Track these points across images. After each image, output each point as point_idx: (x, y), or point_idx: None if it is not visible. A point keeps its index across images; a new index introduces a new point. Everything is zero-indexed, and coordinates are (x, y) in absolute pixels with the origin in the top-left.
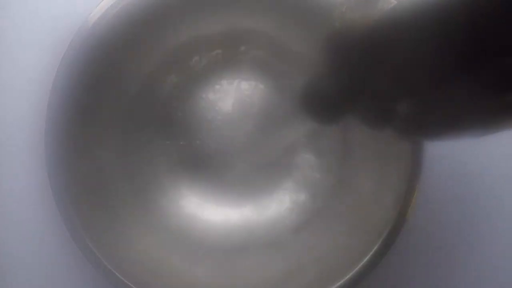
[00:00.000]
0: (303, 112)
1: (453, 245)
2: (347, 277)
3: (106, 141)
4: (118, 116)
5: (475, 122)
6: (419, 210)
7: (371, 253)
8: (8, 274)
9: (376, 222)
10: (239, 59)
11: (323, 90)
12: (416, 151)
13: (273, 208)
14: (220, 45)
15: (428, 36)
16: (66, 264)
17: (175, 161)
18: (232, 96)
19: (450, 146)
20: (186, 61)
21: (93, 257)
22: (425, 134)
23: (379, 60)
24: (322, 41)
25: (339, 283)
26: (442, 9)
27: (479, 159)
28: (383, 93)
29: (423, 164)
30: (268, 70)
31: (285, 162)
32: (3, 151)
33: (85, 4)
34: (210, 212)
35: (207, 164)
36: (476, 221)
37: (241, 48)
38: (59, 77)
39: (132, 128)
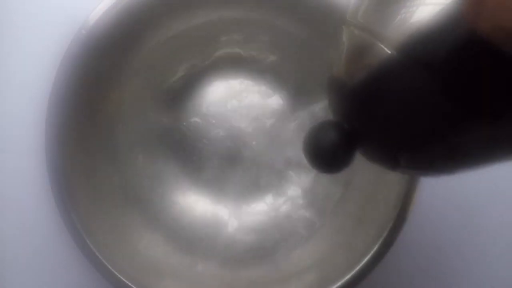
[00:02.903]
0: (308, 162)
1: (453, 245)
2: (347, 277)
3: (106, 141)
4: (118, 115)
5: (486, 158)
6: (419, 210)
7: (371, 253)
8: (8, 274)
9: (376, 222)
10: (243, 59)
11: (326, 139)
12: None
13: (274, 209)
14: (223, 44)
15: (421, 88)
16: (66, 264)
17: (176, 161)
18: (235, 97)
19: None
20: (188, 60)
21: (93, 257)
22: (432, 175)
23: (374, 112)
24: (325, 87)
25: (339, 283)
26: (431, 59)
27: None
28: (383, 144)
29: None
30: (272, 70)
31: (286, 162)
32: (4, 151)
33: (85, 4)
34: (211, 212)
35: (209, 164)
36: (476, 221)
37: (249, 48)
38: (59, 77)
39: (132, 127)
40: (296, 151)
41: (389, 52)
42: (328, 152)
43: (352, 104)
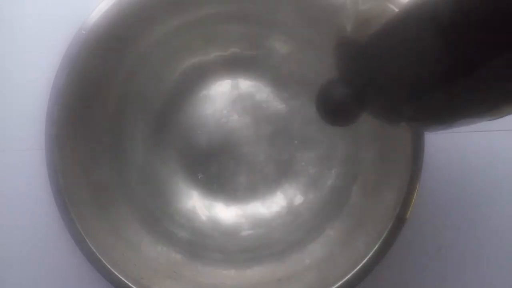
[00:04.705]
0: (320, 116)
1: (453, 245)
2: (348, 277)
3: (106, 140)
4: (118, 115)
5: (481, 111)
6: (419, 210)
7: (371, 253)
8: (8, 274)
9: (376, 222)
10: (244, 60)
11: (336, 95)
12: (416, 152)
13: (275, 209)
14: (223, 47)
15: (426, 41)
16: (66, 264)
17: (177, 161)
18: (233, 95)
19: (449, 146)
20: (187, 59)
21: (93, 257)
22: (434, 127)
23: (383, 66)
24: (331, 48)
25: (340, 283)
26: (437, 15)
27: (479, 159)
28: (390, 97)
29: (423, 165)
30: (271, 70)
31: (287, 162)
32: (4, 150)
33: (85, 4)
34: (212, 212)
35: (210, 165)
36: (476, 221)
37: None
38: (59, 77)
39: (132, 126)
40: (298, 153)
41: (396, 10)
42: (337, 107)
43: (361, 61)
